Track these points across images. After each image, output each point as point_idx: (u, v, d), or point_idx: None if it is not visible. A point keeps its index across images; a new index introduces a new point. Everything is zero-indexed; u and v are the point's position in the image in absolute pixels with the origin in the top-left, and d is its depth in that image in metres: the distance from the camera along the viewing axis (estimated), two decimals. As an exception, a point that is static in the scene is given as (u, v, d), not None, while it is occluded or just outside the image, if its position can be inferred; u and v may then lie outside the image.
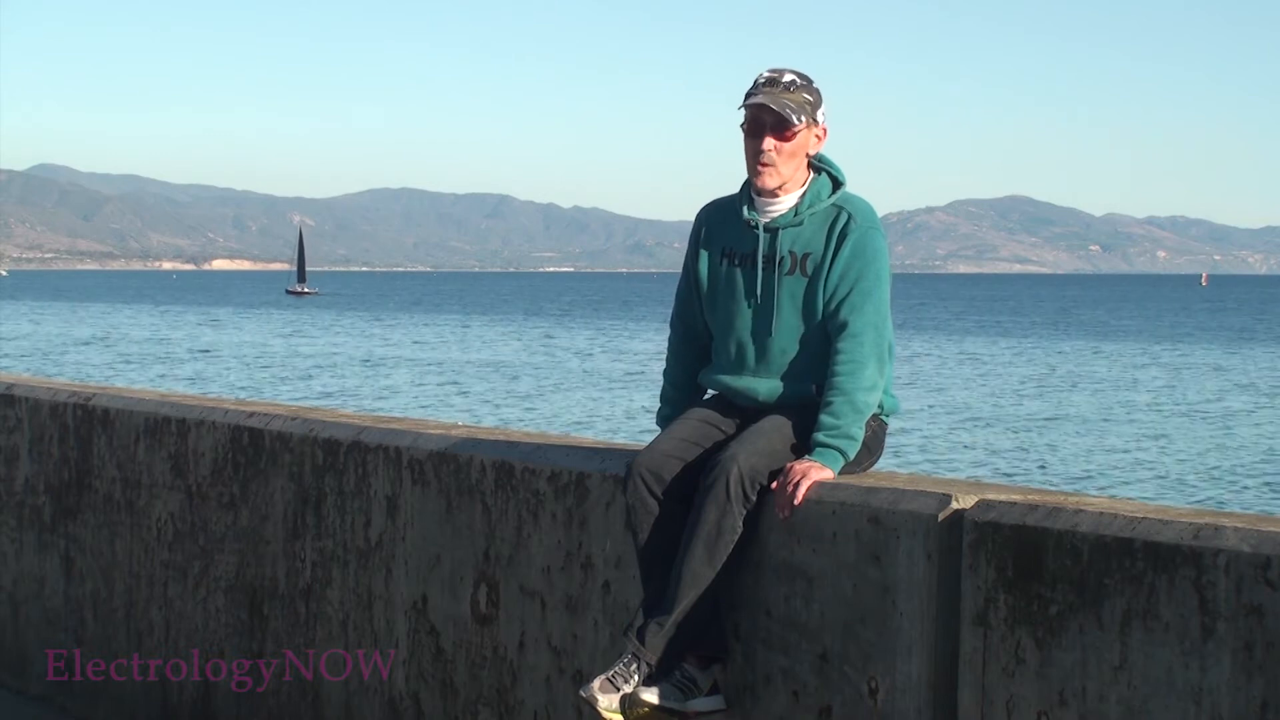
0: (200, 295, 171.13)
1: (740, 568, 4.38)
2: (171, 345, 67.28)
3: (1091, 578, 3.60)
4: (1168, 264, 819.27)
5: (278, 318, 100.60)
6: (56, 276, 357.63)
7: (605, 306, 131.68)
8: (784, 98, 4.52)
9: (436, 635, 5.43)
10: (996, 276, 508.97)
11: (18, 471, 7.78)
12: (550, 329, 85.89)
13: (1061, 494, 4.06)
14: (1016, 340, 75.12)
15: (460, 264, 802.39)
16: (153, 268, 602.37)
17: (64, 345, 66.61)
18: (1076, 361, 58.38)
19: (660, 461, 4.46)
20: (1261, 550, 3.33)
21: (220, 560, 6.45)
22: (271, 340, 72.10)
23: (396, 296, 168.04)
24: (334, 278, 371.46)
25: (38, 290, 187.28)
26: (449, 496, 5.39)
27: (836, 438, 4.38)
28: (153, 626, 6.85)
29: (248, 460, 6.31)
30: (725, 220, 4.68)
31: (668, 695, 4.36)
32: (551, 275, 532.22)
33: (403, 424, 5.89)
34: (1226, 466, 27.65)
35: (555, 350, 64.19)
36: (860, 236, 4.50)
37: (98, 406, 7.24)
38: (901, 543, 4.01)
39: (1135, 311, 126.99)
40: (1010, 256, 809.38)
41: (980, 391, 43.63)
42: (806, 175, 4.60)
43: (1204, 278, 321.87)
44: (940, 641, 3.93)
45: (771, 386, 4.55)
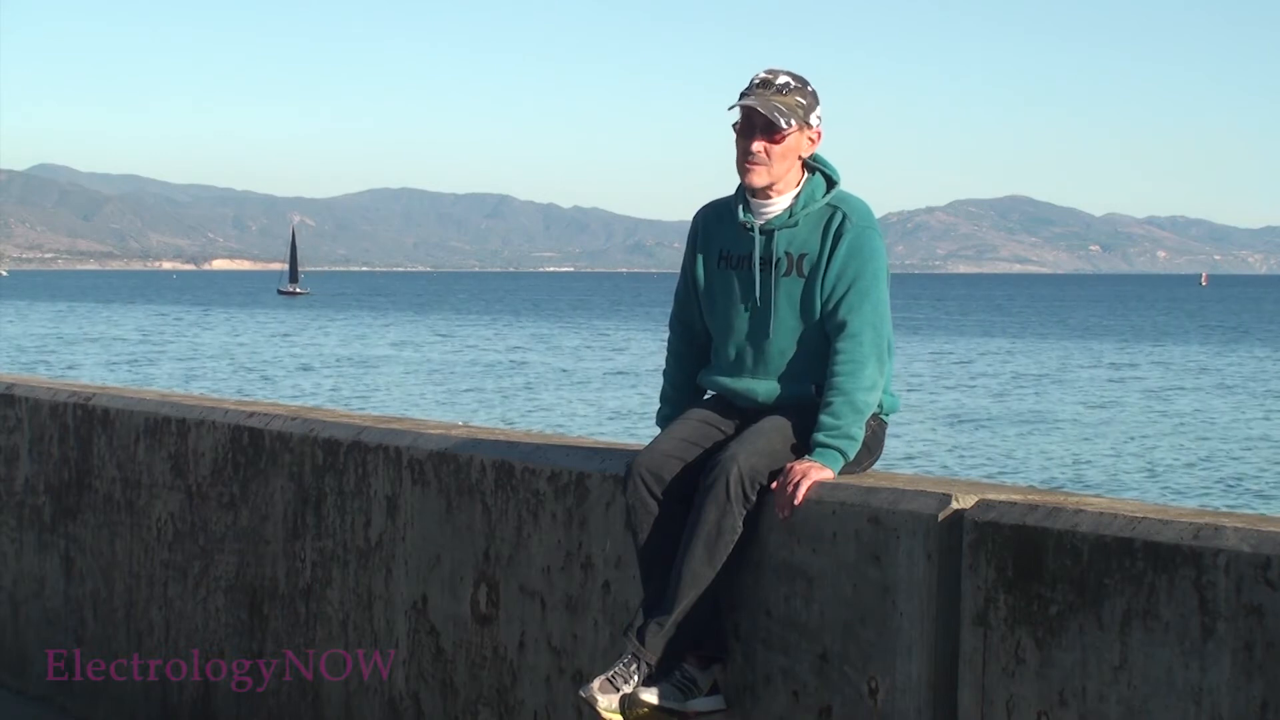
0: (195, 295, 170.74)
1: (740, 568, 4.38)
2: (141, 344, 67.43)
3: (1091, 578, 3.60)
4: (1168, 264, 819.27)
5: (263, 318, 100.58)
6: (56, 276, 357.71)
7: (594, 306, 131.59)
8: (775, 100, 4.52)
9: (436, 635, 5.43)
10: (996, 276, 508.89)
11: (18, 471, 7.78)
12: (541, 329, 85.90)
13: (1061, 494, 4.06)
14: (1017, 340, 75.09)
15: (460, 264, 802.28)
16: (153, 268, 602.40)
17: (38, 342, 66.82)
18: (1074, 362, 58.37)
19: (660, 461, 4.46)
20: (1261, 550, 3.33)
21: (220, 560, 6.45)
22: (259, 340, 72.13)
23: (393, 296, 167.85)
24: (333, 277, 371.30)
25: (35, 291, 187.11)
26: (449, 496, 5.39)
27: (837, 438, 4.38)
28: (153, 626, 6.85)
29: (248, 460, 6.31)
30: (721, 222, 4.68)
31: (667, 695, 4.36)
32: (551, 275, 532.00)
33: (403, 424, 5.89)
34: (1228, 468, 27.64)
35: (534, 351, 64.12)
36: (856, 236, 4.50)
37: (98, 406, 7.24)
38: (901, 543, 4.01)
39: (1131, 310, 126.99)
40: (1010, 256, 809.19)
41: (980, 391, 43.63)
42: (800, 176, 4.60)
43: (1204, 278, 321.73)
44: (940, 641, 3.93)
45: (770, 387, 4.55)
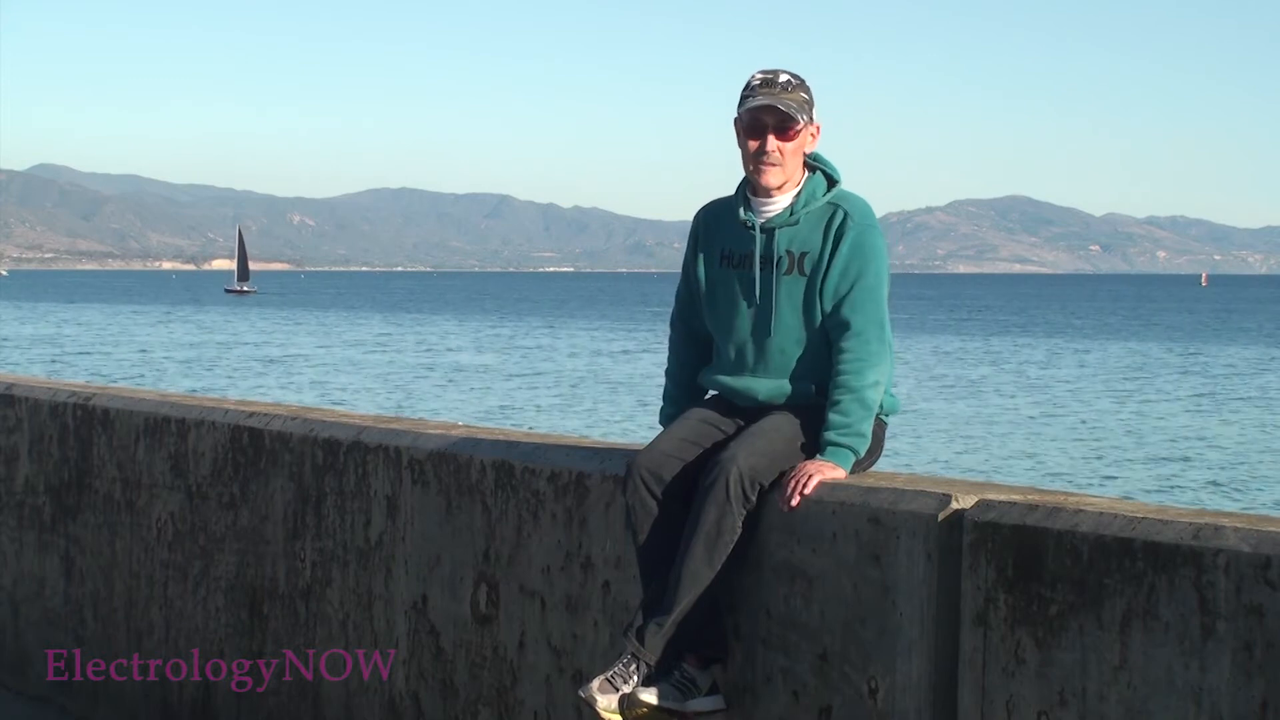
0: (152, 294, 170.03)
1: (740, 568, 4.38)
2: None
3: (1091, 578, 3.60)
4: (1168, 264, 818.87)
5: (200, 316, 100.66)
6: (56, 277, 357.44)
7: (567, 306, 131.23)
8: (785, 97, 4.53)
9: (436, 635, 5.43)
10: (996, 276, 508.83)
11: (18, 471, 7.78)
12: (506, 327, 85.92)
13: (1061, 494, 4.06)
14: (1016, 340, 75.07)
15: (460, 264, 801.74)
16: (152, 268, 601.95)
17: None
18: (1074, 360, 58.38)
19: (660, 461, 4.46)
20: (1261, 550, 3.33)
21: (220, 560, 6.45)
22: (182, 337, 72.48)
23: (346, 294, 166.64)
24: (332, 277, 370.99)
25: (32, 291, 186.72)
26: (449, 496, 5.39)
27: (847, 435, 4.38)
28: (153, 626, 6.85)
29: (248, 460, 6.31)
30: (722, 221, 4.68)
31: (667, 695, 4.36)
32: (551, 275, 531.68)
33: (403, 424, 5.89)
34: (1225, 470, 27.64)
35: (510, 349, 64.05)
36: (858, 234, 4.50)
37: (97, 406, 7.23)
38: (901, 543, 4.01)
39: (1130, 309, 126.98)
40: (1010, 256, 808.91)
41: (980, 392, 43.62)
42: (802, 174, 4.60)
43: (1204, 277, 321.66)
44: (940, 641, 3.93)
45: (771, 387, 4.55)
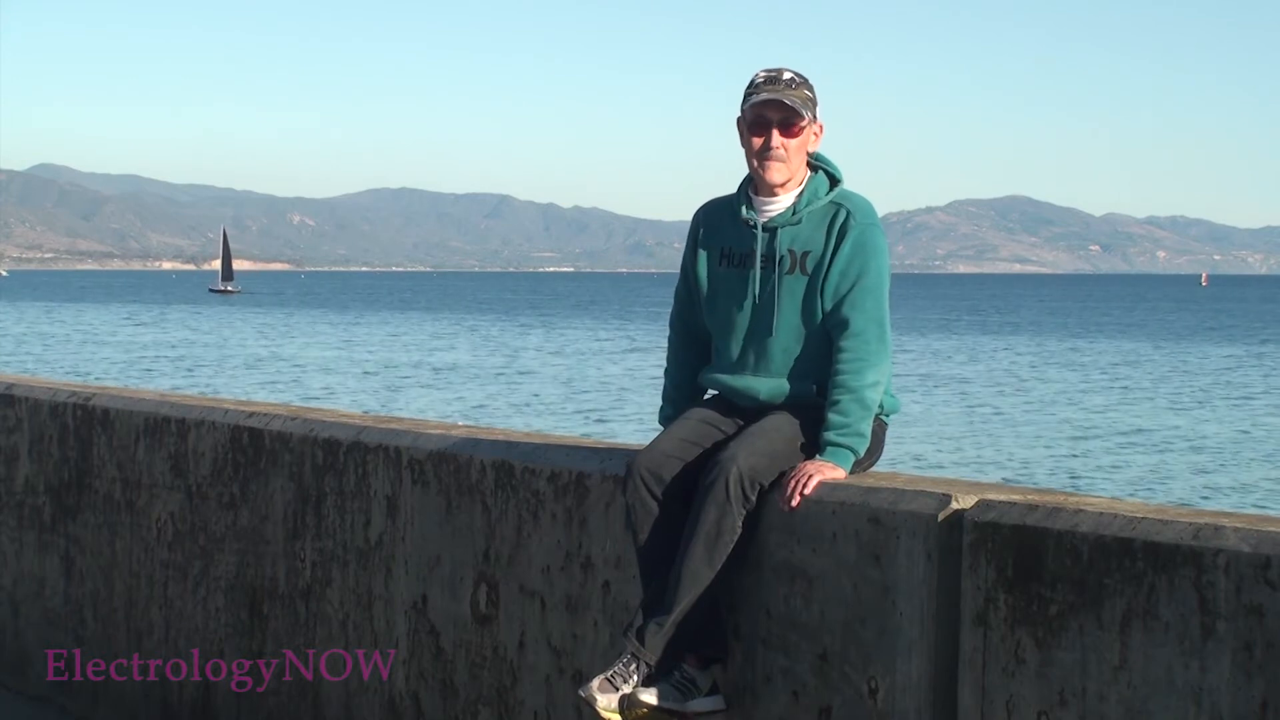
0: (139, 294, 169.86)
1: (740, 568, 4.38)
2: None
3: (1091, 578, 3.60)
4: (1168, 264, 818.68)
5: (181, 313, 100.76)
6: (56, 276, 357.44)
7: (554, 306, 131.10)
8: (789, 94, 4.53)
9: (436, 635, 5.43)
10: (996, 277, 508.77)
11: (18, 471, 7.78)
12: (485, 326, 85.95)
13: (1061, 494, 4.06)
14: (1015, 340, 75.08)
15: (460, 264, 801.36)
16: (153, 268, 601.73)
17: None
18: (1072, 361, 58.39)
19: (660, 461, 4.45)
20: (1261, 550, 3.33)
21: (220, 560, 6.45)
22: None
23: (334, 294, 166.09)
24: (332, 277, 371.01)
25: (32, 291, 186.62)
26: (449, 496, 5.39)
27: (847, 435, 4.37)
28: (153, 626, 6.85)
29: (248, 460, 6.31)
30: (723, 220, 4.67)
31: (667, 695, 4.36)
32: (551, 275, 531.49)
33: (402, 424, 5.89)
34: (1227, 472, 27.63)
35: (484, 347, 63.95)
36: (861, 233, 4.49)
37: (97, 406, 7.23)
38: (901, 543, 4.00)
39: (1131, 309, 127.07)
40: (1010, 256, 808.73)
41: (980, 391, 43.63)
42: (804, 173, 4.60)
43: (1204, 277, 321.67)
44: (940, 641, 3.93)
45: (772, 386, 4.54)
